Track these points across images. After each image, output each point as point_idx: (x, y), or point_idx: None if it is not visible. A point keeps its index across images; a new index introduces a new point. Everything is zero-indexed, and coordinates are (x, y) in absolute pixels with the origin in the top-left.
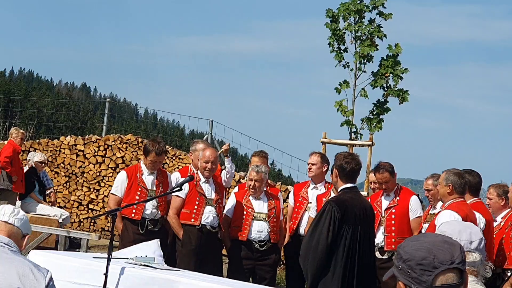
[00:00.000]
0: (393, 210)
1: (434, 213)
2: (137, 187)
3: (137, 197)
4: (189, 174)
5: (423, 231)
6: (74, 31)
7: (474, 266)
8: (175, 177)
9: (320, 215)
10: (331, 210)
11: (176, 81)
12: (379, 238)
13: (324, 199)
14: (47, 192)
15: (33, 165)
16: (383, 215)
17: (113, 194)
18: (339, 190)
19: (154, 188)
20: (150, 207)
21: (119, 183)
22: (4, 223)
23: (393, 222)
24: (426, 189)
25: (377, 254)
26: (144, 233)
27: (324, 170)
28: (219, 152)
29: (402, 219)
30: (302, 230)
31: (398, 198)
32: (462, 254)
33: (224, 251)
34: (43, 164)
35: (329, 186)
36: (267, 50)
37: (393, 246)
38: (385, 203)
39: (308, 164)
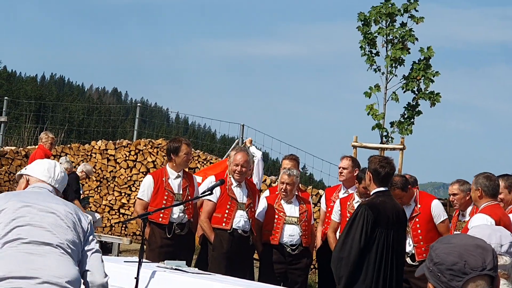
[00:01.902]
0: (417, 219)
1: (463, 221)
2: (163, 191)
3: (164, 201)
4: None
5: None
6: (105, 36)
7: (504, 269)
8: (209, 181)
9: (353, 219)
10: (364, 214)
11: (207, 85)
12: (408, 247)
13: (348, 203)
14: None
15: (79, 173)
16: (408, 225)
17: (139, 198)
18: (371, 193)
19: (181, 192)
20: (177, 211)
21: (146, 188)
22: (48, 185)
23: (419, 231)
24: (451, 194)
25: (408, 260)
26: (171, 237)
27: (355, 174)
28: (243, 145)
29: (427, 226)
30: None
31: (419, 206)
32: (494, 260)
33: (255, 255)
34: (85, 176)
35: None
36: (298, 53)
37: (424, 255)
38: (407, 213)
39: (339, 168)
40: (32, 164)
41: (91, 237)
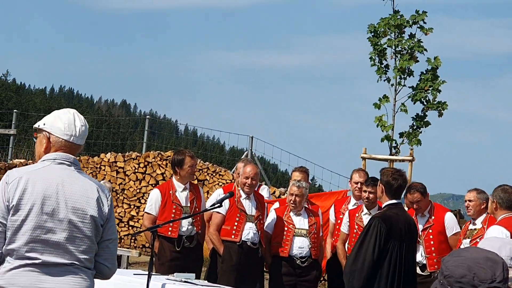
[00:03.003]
0: (430, 231)
1: (474, 229)
2: (171, 204)
3: (172, 215)
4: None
5: (462, 246)
6: (114, 48)
7: None
8: (218, 194)
9: (366, 231)
10: (377, 226)
11: (216, 97)
12: (419, 257)
13: (356, 215)
14: None
15: None
16: (420, 236)
17: (147, 213)
18: (383, 205)
19: (188, 205)
20: (186, 224)
21: (153, 202)
22: (76, 145)
23: (431, 242)
24: (467, 200)
25: (418, 270)
26: (180, 250)
27: None
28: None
29: (440, 238)
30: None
31: (433, 217)
32: (504, 272)
33: (265, 267)
34: None
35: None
36: (307, 64)
37: (436, 267)
38: (421, 223)
39: (354, 183)
40: (50, 116)
41: (109, 225)
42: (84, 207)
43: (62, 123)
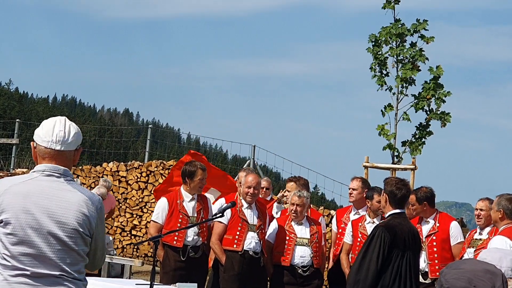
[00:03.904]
0: (434, 237)
1: (479, 239)
2: (178, 214)
3: (178, 224)
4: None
5: (466, 255)
6: (116, 56)
7: None
8: (220, 203)
9: (370, 240)
10: (381, 235)
11: (219, 105)
12: (421, 264)
13: (359, 224)
14: None
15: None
16: (424, 242)
17: (154, 221)
18: (387, 215)
19: (195, 215)
20: (191, 234)
21: (160, 210)
22: (57, 152)
23: (435, 249)
24: (478, 208)
25: (420, 278)
26: (185, 260)
27: (365, 195)
28: (275, 201)
29: (443, 245)
30: None
31: (438, 224)
32: (504, 284)
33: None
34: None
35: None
36: (309, 73)
37: (437, 274)
38: (425, 230)
39: (349, 189)
40: (41, 124)
41: (98, 237)
42: (69, 220)
43: (42, 129)
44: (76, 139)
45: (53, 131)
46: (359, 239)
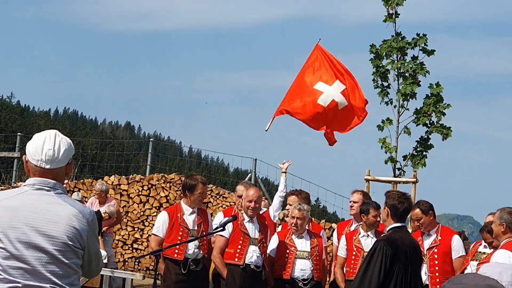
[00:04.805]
0: (436, 250)
1: (483, 252)
2: (178, 227)
3: (179, 237)
4: (233, 214)
5: (469, 268)
6: (117, 69)
7: None
8: (219, 217)
9: (371, 254)
10: (382, 249)
11: (220, 118)
12: (422, 277)
13: (354, 237)
14: None
15: (102, 213)
16: (425, 255)
17: (154, 234)
18: (388, 229)
19: (196, 228)
20: (192, 247)
21: (160, 224)
22: (47, 169)
23: (436, 262)
24: (488, 222)
25: None
26: (186, 273)
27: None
28: (282, 170)
29: (445, 258)
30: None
31: (439, 237)
32: None
33: None
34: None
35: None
36: None
37: (438, 287)
38: (426, 243)
39: (350, 202)
40: (32, 138)
41: (91, 251)
42: (58, 233)
43: (32, 146)
44: (67, 155)
45: (42, 150)
46: (353, 253)
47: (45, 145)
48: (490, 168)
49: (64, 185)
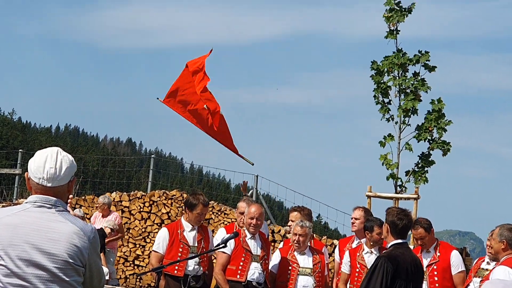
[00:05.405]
0: (435, 267)
1: (486, 269)
2: (179, 243)
3: (179, 254)
4: (235, 230)
5: (471, 285)
6: (118, 86)
7: None
8: (221, 234)
9: (372, 270)
10: (383, 266)
11: None
12: None
13: (357, 254)
14: None
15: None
16: (425, 272)
17: (154, 251)
18: (389, 245)
19: (196, 244)
20: (192, 264)
21: (161, 240)
22: (49, 187)
23: (436, 278)
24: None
25: None
26: None
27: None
28: (248, 193)
29: (444, 275)
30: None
31: (438, 254)
32: None
33: None
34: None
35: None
36: (311, 101)
37: None
38: (425, 259)
39: (352, 218)
40: (34, 156)
41: (93, 269)
42: (59, 251)
43: (34, 164)
44: (69, 172)
45: (44, 168)
46: (357, 270)
47: (47, 163)
48: (491, 184)
49: (69, 201)
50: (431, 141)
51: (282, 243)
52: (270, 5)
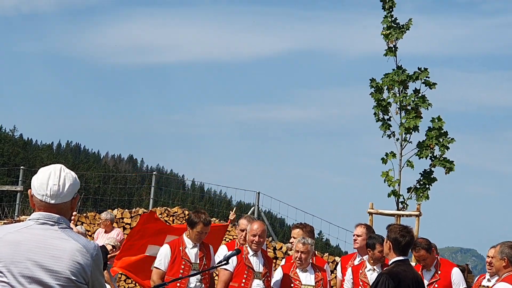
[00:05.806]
0: (436, 285)
1: (487, 286)
2: (180, 260)
3: (181, 271)
4: (236, 247)
5: None
6: (120, 103)
7: None
8: (223, 251)
9: (374, 287)
10: (385, 283)
11: (222, 152)
12: None
13: (360, 271)
14: None
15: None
16: None
17: (156, 267)
18: (390, 262)
19: (198, 261)
20: (194, 281)
21: (162, 257)
22: (52, 204)
23: None
24: (490, 256)
25: None
26: None
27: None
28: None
29: None
30: None
31: (439, 272)
32: None
33: None
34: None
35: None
36: (312, 118)
37: None
38: (426, 278)
39: (354, 235)
40: (37, 173)
41: (92, 282)
42: (62, 269)
43: (37, 181)
44: (72, 190)
45: (47, 185)
46: (360, 287)
47: (50, 180)
48: (493, 202)
49: (72, 217)
50: (433, 158)
51: (284, 260)
52: (269, 23)
